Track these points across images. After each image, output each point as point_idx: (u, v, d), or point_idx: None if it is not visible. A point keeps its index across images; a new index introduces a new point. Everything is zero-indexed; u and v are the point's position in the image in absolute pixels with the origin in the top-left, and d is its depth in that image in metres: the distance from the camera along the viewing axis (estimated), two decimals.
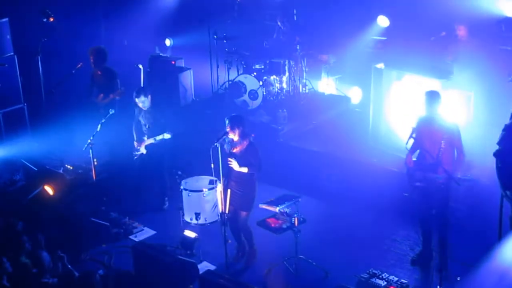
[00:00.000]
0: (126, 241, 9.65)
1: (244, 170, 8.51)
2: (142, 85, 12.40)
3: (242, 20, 14.58)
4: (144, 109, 10.15)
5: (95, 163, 10.16)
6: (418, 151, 8.55)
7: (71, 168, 11.38)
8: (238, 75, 13.27)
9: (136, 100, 10.09)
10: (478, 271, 7.88)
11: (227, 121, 8.48)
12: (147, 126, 10.20)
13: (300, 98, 13.22)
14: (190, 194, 9.52)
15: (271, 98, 13.11)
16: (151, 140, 10.08)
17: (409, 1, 12.27)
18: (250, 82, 12.99)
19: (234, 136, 8.51)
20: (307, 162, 11.49)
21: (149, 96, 10.10)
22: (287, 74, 13.09)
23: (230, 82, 13.46)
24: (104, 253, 8.98)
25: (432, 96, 8.39)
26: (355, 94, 13.60)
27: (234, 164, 8.49)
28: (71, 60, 12.18)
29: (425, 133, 8.31)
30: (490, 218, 8.37)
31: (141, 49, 14.88)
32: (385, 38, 13.22)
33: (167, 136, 9.94)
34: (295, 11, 13.70)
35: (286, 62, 12.99)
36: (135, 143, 10.30)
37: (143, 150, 10.22)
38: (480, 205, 9.09)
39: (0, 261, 7.39)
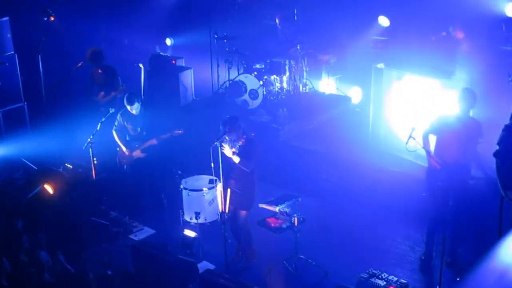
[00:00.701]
0: (126, 240, 9.66)
1: (236, 159, 8.49)
2: (142, 84, 12.41)
3: (243, 20, 14.58)
4: (136, 114, 10.14)
5: (95, 162, 10.15)
6: (432, 150, 8.58)
7: (71, 167, 11.37)
8: (239, 74, 13.27)
9: (129, 107, 10.05)
10: (477, 271, 7.88)
11: (221, 126, 8.46)
12: (138, 130, 10.19)
13: (300, 98, 13.22)
14: (190, 194, 9.51)
15: (272, 98, 13.11)
16: (153, 141, 10.08)
17: (410, 1, 12.27)
18: (251, 81, 12.99)
19: (232, 136, 8.50)
20: (307, 161, 11.49)
21: (140, 102, 10.10)
22: (287, 73, 13.08)
23: (230, 82, 13.46)
24: (104, 252, 8.98)
25: (470, 94, 8.45)
26: (355, 94, 13.61)
27: (226, 150, 8.45)
28: (72, 59, 12.19)
29: (451, 132, 8.36)
30: (489, 218, 8.38)
31: (141, 48, 14.87)
32: (385, 38, 13.22)
33: (177, 132, 9.96)
34: (295, 11, 13.69)
35: (287, 62, 12.99)
36: (126, 151, 10.27)
37: (139, 154, 10.19)
38: (480, 205, 9.08)
39: (0, 261, 7.39)
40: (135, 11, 15.26)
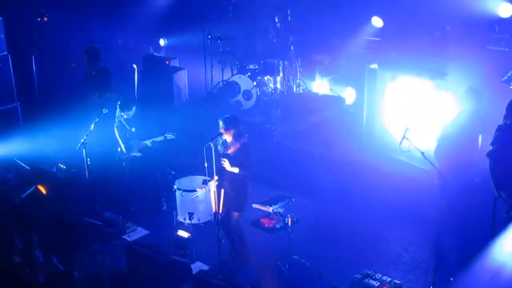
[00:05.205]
0: (119, 241, 9.64)
1: (235, 170, 8.49)
2: (136, 85, 12.40)
3: (237, 20, 14.59)
4: (128, 117, 10.21)
5: (89, 162, 10.12)
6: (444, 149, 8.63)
7: (64, 167, 11.34)
8: (232, 75, 13.28)
9: (123, 113, 10.11)
10: (471, 271, 7.89)
11: (221, 122, 8.46)
12: (133, 130, 10.20)
13: (294, 99, 13.22)
14: (183, 194, 9.51)
15: (265, 98, 13.12)
16: (147, 143, 10.08)
17: (403, 1, 12.29)
18: (244, 82, 13.01)
19: (227, 137, 8.49)
20: (300, 162, 11.51)
21: (134, 108, 10.17)
22: (281, 74, 13.09)
23: (224, 82, 13.47)
24: (97, 252, 8.96)
25: (476, 93, 8.53)
26: (349, 95, 13.61)
27: (226, 164, 8.48)
28: (65, 60, 12.16)
29: (462, 131, 8.42)
30: (483, 218, 8.40)
31: (135, 48, 14.86)
32: (379, 39, 13.24)
33: (170, 136, 9.98)
34: (289, 12, 13.70)
35: (280, 63, 12.99)
36: (124, 149, 10.27)
37: (136, 153, 10.20)
38: (473, 205, 9.11)
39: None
40: (128, 12, 15.22)
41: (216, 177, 8.62)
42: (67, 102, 12.36)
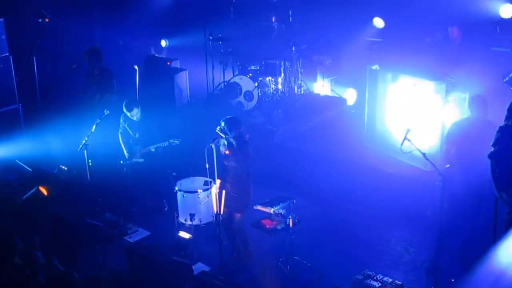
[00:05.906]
0: (120, 242, 9.63)
1: (231, 146, 8.47)
2: (137, 86, 12.39)
3: (238, 21, 14.58)
4: (136, 120, 10.18)
5: (90, 163, 10.13)
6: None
7: (65, 168, 11.34)
8: (234, 76, 13.27)
9: (129, 114, 10.09)
10: (473, 273, 7.88)
11: (222, 123, 8.46)
12: (136, 136, 10.21)
13: (295, 99, 13.22)
14: (184, 195, 9.50)
15: (267, 99, 13.11)
16: (151, 148, 10.10)
17: (405, 2, 12.29)
18: (246, 83, 13.00)
19: (228, 138, 8.48)
20: (302, 163, 11.50)
21: (139, 107, 10.14)
22: (282, 75, 13.08)
23: (225, 83, 13.46)
24: (98, 254, 8.95)
25: (480, 100, 8.56)
26: (350, 96, 13.61)
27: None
28: (66, 61, 12.16)
29: (466, 137, 8.43)
30: (484, 219, 8.39)
31: (136, 49, 14.85)
32: (380, 40, 13.23)
33: (175, 142, 10.02)
34: (290, 12, 13.70)
35: (282, 63, 12.98)
36: (126, 154, 10.28)
37: (138, 159, 10.21)
38: (475, 206, 9.09)
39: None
40: (130, 13, 15.22)
41: (218, 181, 8.62)
42: (69, 103, 12.37)
